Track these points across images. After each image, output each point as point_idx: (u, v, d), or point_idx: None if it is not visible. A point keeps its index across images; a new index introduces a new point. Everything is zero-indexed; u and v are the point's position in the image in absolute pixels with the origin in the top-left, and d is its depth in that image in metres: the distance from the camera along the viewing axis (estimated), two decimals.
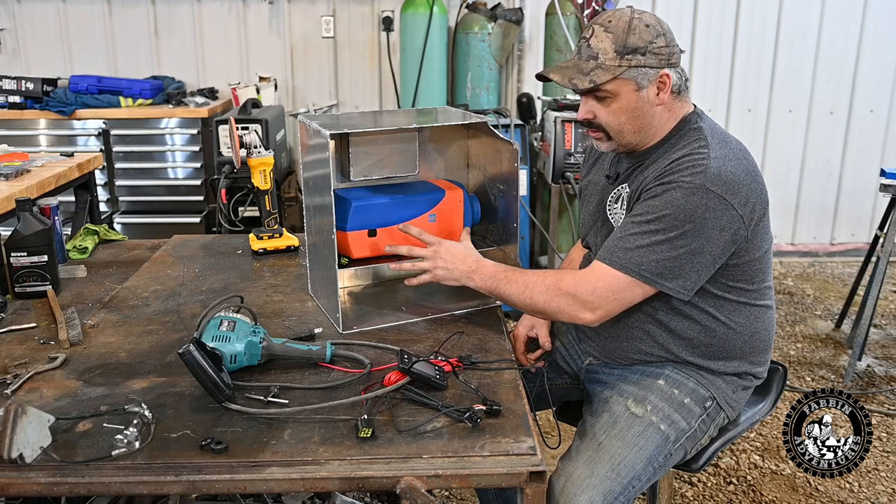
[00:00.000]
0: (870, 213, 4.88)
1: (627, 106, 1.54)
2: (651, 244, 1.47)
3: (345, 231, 1.79)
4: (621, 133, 1.57)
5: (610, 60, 1.51)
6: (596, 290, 1.51)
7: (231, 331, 1.48)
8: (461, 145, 2.03)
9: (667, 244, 1.46)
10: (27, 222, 1.91)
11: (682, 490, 2.54)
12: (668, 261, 1.47)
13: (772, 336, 1.68)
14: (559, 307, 1.55)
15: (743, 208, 1.47)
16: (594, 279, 1.52)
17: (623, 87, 1.52)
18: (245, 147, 2.27)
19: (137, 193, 4.34)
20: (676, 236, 1.45)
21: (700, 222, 1.45)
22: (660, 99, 1.54)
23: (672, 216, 1.45)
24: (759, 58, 4.69)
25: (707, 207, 1.44)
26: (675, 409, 1.58)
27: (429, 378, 1.43)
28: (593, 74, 1.51)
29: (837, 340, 3.69)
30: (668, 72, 1.52)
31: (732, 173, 1.47)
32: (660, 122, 1.57)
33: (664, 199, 1.47)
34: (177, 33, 4.66)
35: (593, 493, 1.44)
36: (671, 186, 1.47)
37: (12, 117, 4.20)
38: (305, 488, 1.23)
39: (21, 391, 1.45)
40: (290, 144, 4.70)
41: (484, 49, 4.34)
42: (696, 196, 1.44)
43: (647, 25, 1.50)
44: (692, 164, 1.48)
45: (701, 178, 1.45)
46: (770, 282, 1.64)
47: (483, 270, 1.65)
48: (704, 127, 1.56)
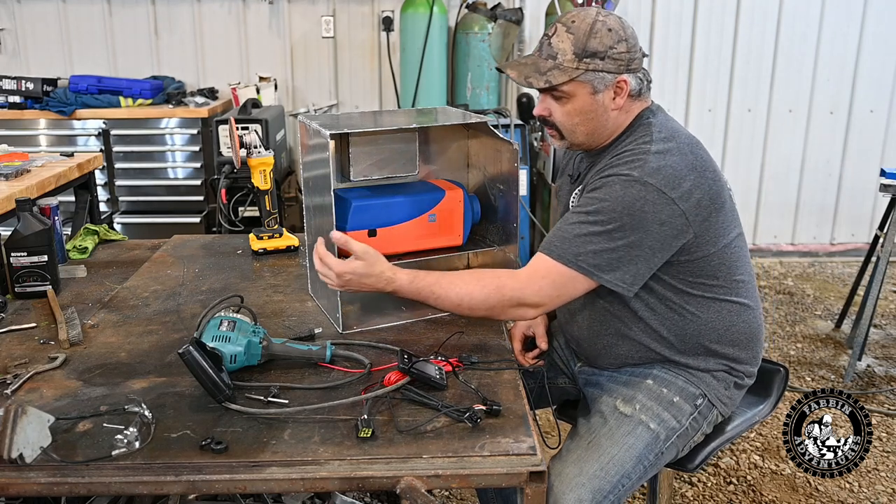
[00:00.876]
0: (870, 213, 4.88)
1: (582, 108, 1.54)
2: (588, 234, 1.46)
3: (345, 231, 1.78)
4: (574, 133, 1.59)
5: (568, 62, 1.51)
6: (542, 289, 1.51)
7: (231, 331, 1.48)
8: (461, 145, 2.03)
9: (605, 236, 1.45)
10: (27, 222, 1.91)
11: (682, 490, 2.54)
12: (606, 252, 1.46)
13: (755, 332, 1.65)
14: (503, 311, 1.55)
15: (684, 203, 1.45)
16: (539, 277, 1.51)
17: (579, 89, 1.52)
18: (245, 147, 2.27)
19: (137, 193, 4.34)
20: (614, 228, 1.45)
21: (638, 215, 1.44)
22: (616, 104, 1.54)
23: (610, 208, 1.45)
24: (759, 58, 4.68)
25: (645, 200, 1.44)
26: (665, 407, 1.57)
27: (429, 378, 1.43)
28: (550, 75, 1.52)
29: (837, 340, 3.69)
30: (626, 77, 1.52)
31: (673, 167, 1.46)
32: (615, 125, 1.58)
33: (603, 192, 1.47)
34: (177, 33, 4.66)
35: (582, 491, 1.44)
36: (609, 179, 1.48)
37: (12, 117, 4.20)
38: (305, 488, 1.23)
39: (21, 391, 1.45)
40: (290, 144, 4.70)
41: (484, 49, 4.34)
42: (634, 188, 1.44)
43: (610, 30, 1.50)
44: (632, 159, 1.48)
45: (639, 171, 1.45)
46: (743, 276, 1.60)
47: (400, 282, 1.56)
48: (654, 122, 1.56)
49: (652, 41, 4.66)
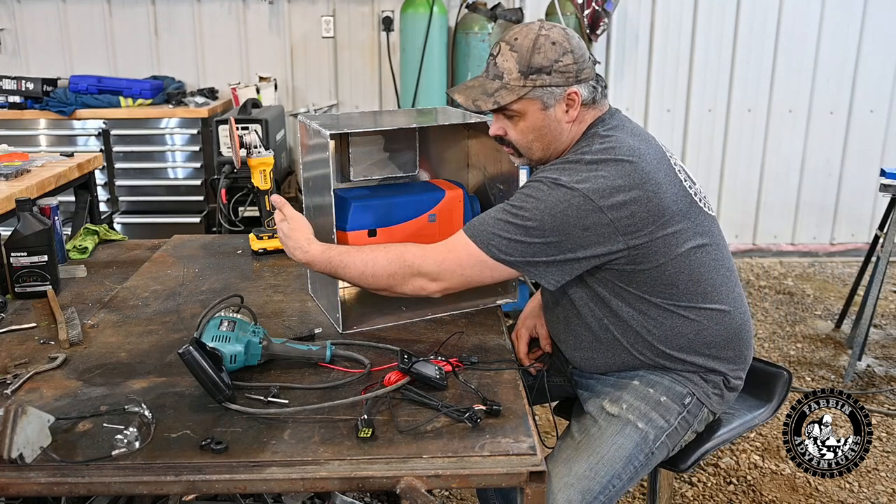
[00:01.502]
0: (870, 213, 4.88)
1: (534, 125, 1.54)
2: (507, 223, 1.46)
3: (345, 231, 1.79)
4: (530, 150, 1.58)
5: (514, 81, 1.50)
6: (444, 262, 1.51)
7: (231, 331, 1.48)
8: (461, 145, 2.03)
9: (522, 230, 1.45)
10: (27, 222, 1.91)
11: (682, 490, 2.54)
12: (520, 245, 1.45)
13: (735, 335, 1.60)
14: (403, 280, 1.54)
15: (613, 213, 1.43)
16: (445, 250, 1.51)
17: (529, 106, 1.52)
18: (245, 147, 2.27)
19: (137, 193, 4.34)
20: (533, 227, 1.44)
21: (560, 218, 1.43)
22: (569, 116, 1.53)
23: (533, 207, 1.44)
24: (759, 58, 4.68)
25: (569, 205, 1.42)
26: (652, 407, 1.56)
27: (429, 378, 1.43)
28: (497, 95, 1.51)
29: (837, 340, 3.69)
30: (575, 89, 1.51)
31: (605, 178, 1.43)
32: (570, 137, 1.57)
33: (530, 190, 1.47)
34: (177, 33, 4.66)
35: (571, 491, 1.44)
36: (540, 179, 1.47)
37: (12, 117, 4.20)
38: (305, 488, 1.23)
39: (21, 391, 1.45)
40: (290, 144, 4.70)
41: (484, 49, 4.34)
42: (559, 192, 1.43)
43: (554, 43, 1.48)
44: (563, 165, 1.48)
45: (567, 177, 1.44)
46: (713, 282, 1.56)
47: (313, 251, 1.61)
48: (599, 132, 1.53)
49: (652, 41, 4.66)
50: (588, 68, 1.53)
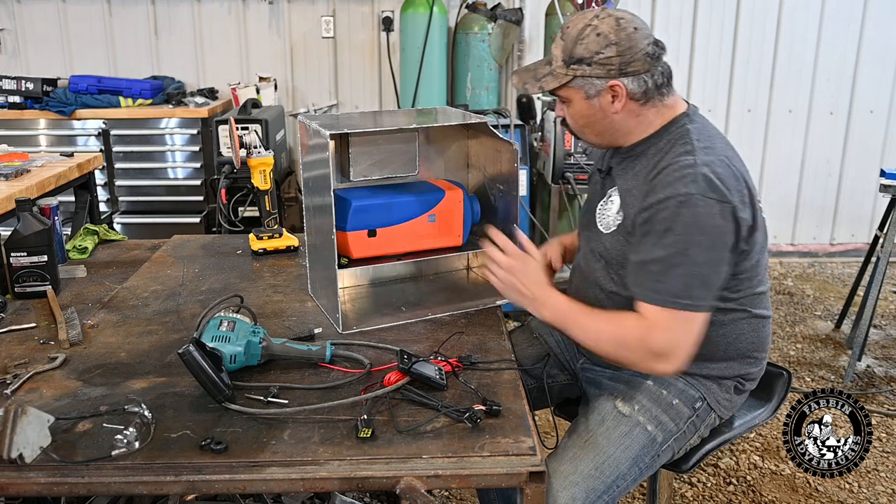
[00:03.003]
0: (870, 214, 4.88)
1: (581, 112, 1.55)
2: (668, 263, 1.42)
3: (345, 231, 1.79)
4: (583, 134, 1.61)
5: (559, 68, 1.52)
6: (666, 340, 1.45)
7: (231, 331, 1.48)
8: (461, 145, 2.03)
9: (679, 263, 1.41)
10: (27, 222, 1.91)
11: (682, 490, 2.54)
12: (686, 278, 1.42)
13: (766, 341, 1.64)
14: (632, 361, 1.50)
15: (740, 212, 1.44)
16: (663, 330, 1.44)
17: (573, 94, 1.53)
18: (245, 147, 2.27)
19: (137, 193, 4.34)
20: (682, 251, 1.41)
21: (703, 230, 1.41)
22: (615, 108, 1.52)
23: (676, 230, 1.41)
24: (759, 58, 4.68)
25: (711, 214, 1.41)
26: (664, 409, 1.57)
27: (429, 378, 1.43)
28: (544, 81, 1.54)
29: (837, 341, 3.69)
30: (618, 82, 1.49)
31: (722, 178, 1.43)
32: (628, 127, 1.56)
33: (668, 215, 1.42)
34: (177, 33, 4.66)
35: (575, 490, 1.44)
36: (668, 203, 1.42)
37: (12, 117, 4.20)
38: (305, 488, 1.23)
39: (21, 391, 1.45)
40: (290, 144, 4.70)
41: (484, 49, 4.34)
42: (700, 205, 1.40)
43: (599, 34, 1.47)
44: (682, 174, 1.43)
45: (695, 187, 1.41)
46: (763, 287, 1.59)
47: (552, 305, 1.57)
48: (692, 130, 1.52)
49: None
50: (638, 61, 1.49)
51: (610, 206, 1.62)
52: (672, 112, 1.57)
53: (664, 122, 1.56)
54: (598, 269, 1.62)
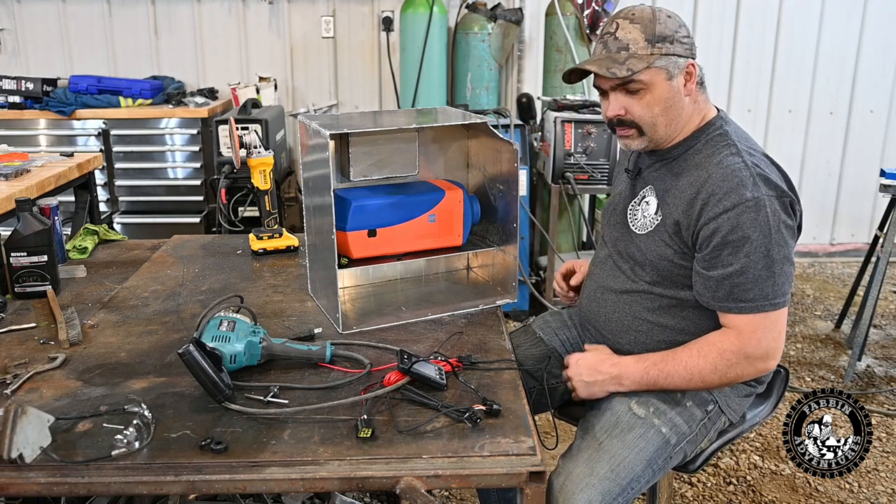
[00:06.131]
0: (870, 214, 4.88)
1: (661, 96, 1.53)
2: (754, 270, 1.46)
3: (345, 231, 1.79)
4: (654, 126, 1.56)
5: (642, 49, 1.51)
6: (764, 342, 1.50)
7: (231, 331, 1.48)
8: (461, 145, 2.03)
9: (765, 266, 1.46)
10: (27, 222, 1.91)
11: (682, 490, 2.54)
12: (774, 277, 1.47)
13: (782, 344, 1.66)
14: (739, 375, 1.54)
15: (798, 203, 1.53)
16: (760, 333, 1.49)
17: (656, 76, 1.52)
18: (245, 147, 2.27)
19: (137, 193, 4.34)
20: (767, 252, 1.46)
21: (776, 228, 1.46)
22: (687, 89, 1.55)
23: (754, 237, 1.45)
24: (759, 58, 4.68)
25: (778, 211, 1.47)
26: (678, 412, 1.57)
27: (429, 378, 1.43)
28: (629, 63, 1.51)
29: (837, 340, 3.69)
30: (693, 62, 1.55)
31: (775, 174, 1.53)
32: (687, 115, 1.58)
33: (735, 223, 1.45)
34: (177, 33, 4.66)
35: (592, 492, 1.43)
36: (734, 212, 1.46)
37: (12, 117, 4.20)
38: (305, 488, 1.23)
39: (21, 391, 1.45)
40: (290, 144, 4.70)
41: (484, 49, 4.34)
42: (764, 207, 1.46)
43: (669, 16, 1.53)
44: (738, 181, 1.48)
45: (753, 190, 1.46)
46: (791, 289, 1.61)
47: (629, 373, 1.58)
48: (730, 132, 1.57)
49: None
50: (696, 46, 1.58)
51: (645, 208, 1.62)
52: (707, 112, 1.61)
53: (700, 122, 1.59)
54: (623, 270, 1.65)
